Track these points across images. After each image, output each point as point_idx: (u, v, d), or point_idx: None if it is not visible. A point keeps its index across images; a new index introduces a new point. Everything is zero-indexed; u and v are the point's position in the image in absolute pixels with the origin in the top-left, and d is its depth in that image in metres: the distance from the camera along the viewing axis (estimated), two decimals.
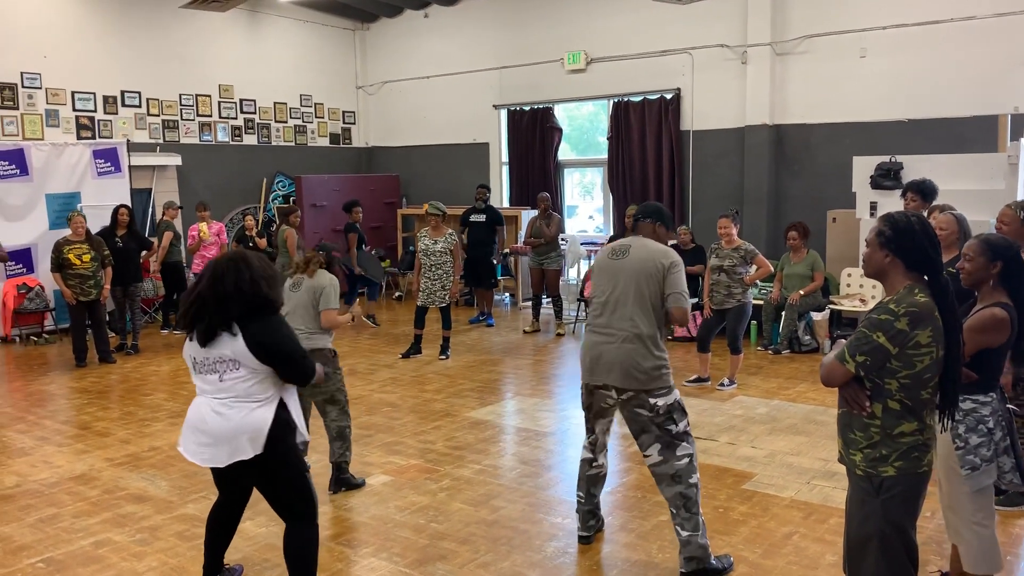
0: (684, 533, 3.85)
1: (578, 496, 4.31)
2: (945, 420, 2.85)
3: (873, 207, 8.69)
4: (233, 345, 3.33)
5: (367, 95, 14.69)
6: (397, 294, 13.25)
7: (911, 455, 2.75)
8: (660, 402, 3.85)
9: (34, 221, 10.25)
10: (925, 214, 5.23)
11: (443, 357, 8.76)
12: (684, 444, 3.90)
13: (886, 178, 8.68)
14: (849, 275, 9.28)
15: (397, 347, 9.27)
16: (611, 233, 11.66)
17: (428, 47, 13.70)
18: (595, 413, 4.15)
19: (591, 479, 4.26)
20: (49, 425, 6.63)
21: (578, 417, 6.49)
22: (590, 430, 4.21)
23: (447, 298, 8.66)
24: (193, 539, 4.40)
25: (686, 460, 3.88)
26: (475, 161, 13.36)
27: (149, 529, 4.56)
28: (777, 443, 5.87)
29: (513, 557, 4.17)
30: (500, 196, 12.98)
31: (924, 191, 6.12)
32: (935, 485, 3.57)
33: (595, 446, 4.22)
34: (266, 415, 3.37)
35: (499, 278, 11.54)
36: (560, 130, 12.47)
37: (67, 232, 8.83)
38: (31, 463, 5.70)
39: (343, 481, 5.11)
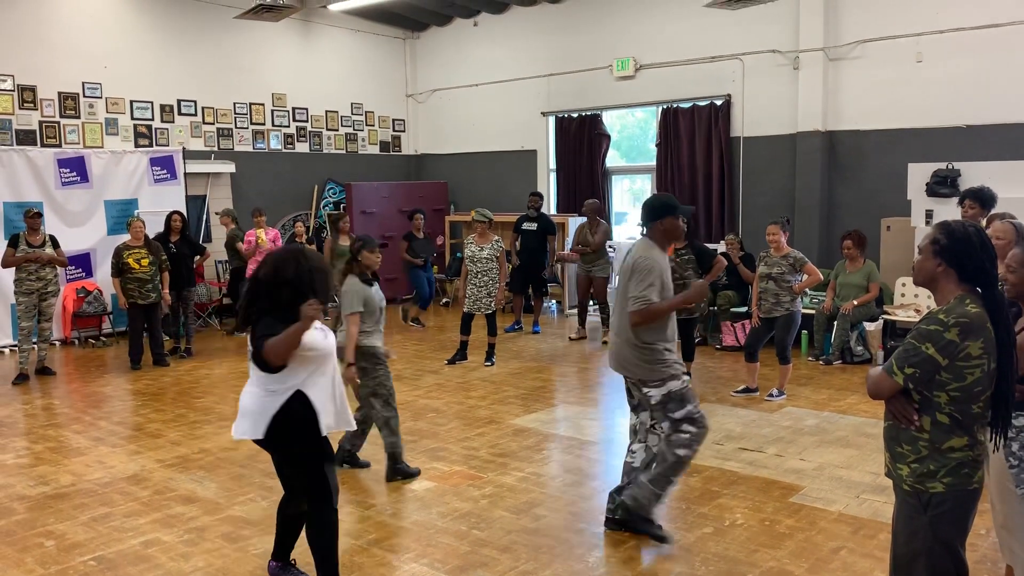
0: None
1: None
2: (997, 438, 2.76)
3: (929, 215, 8.49)
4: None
5: (417, 103, 14.82)
6: (444, 300, 13.33)
7: (961, 471, 2.67)
8: None
9: (93, 227, 10.55)
10: (983, 223, 5.09)
11: (488, 364, 8.77)
12: None
13: (943, 185, 8.48)
14: (904, 285, 9.06)
15: (443, 353, 9.31)
16: None
17: (477, 55, 13.78)
18: None
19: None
20: (104, 426, 6.80)
21: (622, 426, 6.46)
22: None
23: (493, 305, 8.68)
24: (239, 540, 4.48)
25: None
26: (523, 168, 13.38)
27: (197, 530, 4.65)
28: (826, 455, 5.75)
29: (554, 566, 4.15)
30: (548, 203, 12.98)
31: (983, 199, 5.95)
32: (989, 502, 3.47)
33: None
34: (273, 403, 3.58)
35: (548, 285, 11.53)
36: (608, 137, 12.42)
37: (125, 238, 9.07)
38: (86, 463, 5.85)
39: (398, 471, 5.40)
